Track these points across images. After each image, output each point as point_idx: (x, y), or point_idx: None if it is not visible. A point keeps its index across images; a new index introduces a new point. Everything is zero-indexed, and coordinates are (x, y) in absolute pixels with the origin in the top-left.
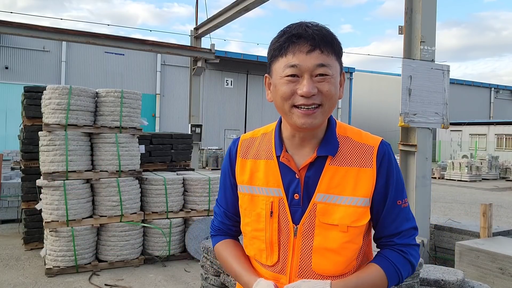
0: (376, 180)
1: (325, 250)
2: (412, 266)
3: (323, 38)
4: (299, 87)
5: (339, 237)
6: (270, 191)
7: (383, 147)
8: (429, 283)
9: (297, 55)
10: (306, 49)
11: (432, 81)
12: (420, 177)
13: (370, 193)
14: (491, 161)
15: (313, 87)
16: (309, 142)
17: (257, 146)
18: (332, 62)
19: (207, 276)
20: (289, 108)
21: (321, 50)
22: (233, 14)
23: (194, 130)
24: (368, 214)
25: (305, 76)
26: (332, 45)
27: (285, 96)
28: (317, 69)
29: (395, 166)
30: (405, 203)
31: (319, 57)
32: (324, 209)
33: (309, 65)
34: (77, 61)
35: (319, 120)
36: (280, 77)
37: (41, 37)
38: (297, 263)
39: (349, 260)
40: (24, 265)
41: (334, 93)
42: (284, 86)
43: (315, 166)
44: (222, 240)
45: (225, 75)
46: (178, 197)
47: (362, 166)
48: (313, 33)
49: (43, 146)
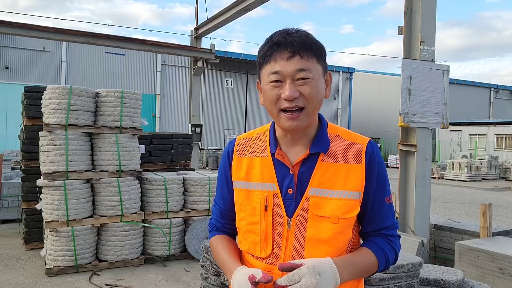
0: (365, 176)
1: (317, 241)
2: (396, 255)
3: (302, 44)
4: (282, 91)
5: (330, 229)
6: (265, 186)
7: (371, 146)
8: (429, 283)
9: (279, 62)
10: (286, 56)
11: (432, 81)
12: (420, 177)
13: (359, 187)
14: (490, 161)
15: (295, 91)
16: (300, 140)
17: (252, 145)
18: (312, 66)
19: (207, 276)
20: (277, 112)
21: (300, 56)
22: (233, 14)
23: (194, 130)
24: (357, 207)
25: (287, 80)
26: (312, 49)
27: (272, 101)
28: (297, 73)
29: (383, 164)
30: (390, 200)
31: (299, 62)
32: (316, 202)
33: (289, 70)
34: (78, 61)
35: (304, 122)
36: (266, 83)
37: (41, 37)
38: (290, 254)
39: (339, 251)
40: (25, 265)
41: (316, 95)
42: (270, 91)
43: (308, 163)
44: (217, 235)
45: (225, 75)
46: (178, 197)
47: (352, 162)
48: (292, 40)
49: (43, 146)
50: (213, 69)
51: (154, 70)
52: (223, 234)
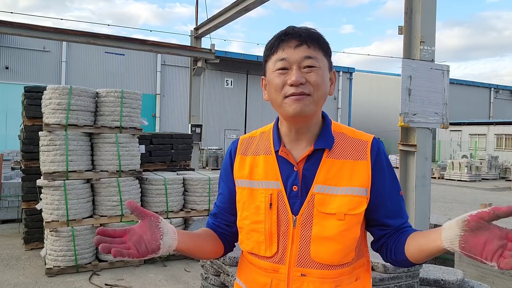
0: (373, 172)
1: (323, 239)
2: None
3: (309, 35)
4: (288, 77)
5: (336, 225)
6: (269, 184)
7: (377, 142)
8: (429, 283)
9: (286, 50)
10: (294, 44)
11: (432, 81)
12: (420, 177)
13: (366, 183)
14: (490, 161)
15: (301, 77)
16: (305, 136)
17: (256, 144)
18: (319, 56)
19: (207, 276)
20: (281, 100)
21: (307, 45)
22: (233, 14)
23: (194, 130)
24: (364, 203)
25: (294, 67)
26: (319, 42)
27: (277, 88)
28: (304, 60)
29: (389, 159)
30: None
31: (306, 51)
32: (322, 199)
33: (296, 57)
34: (78, 61)
35: (309, 108)
36: (272, 71)
37: (41, 37)
38: (296, 252)
39: (347, 250)
40: (25, 265)
41: (322, 84)
42: (276, 78)
43: (312, 159)
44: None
45: (225, 75)
46: (178, 197)
47: (357, 159)
48: (300, 31)
49: (43, 146)
50: (213, 69)
51: (154, 70)
52: (210, 229)
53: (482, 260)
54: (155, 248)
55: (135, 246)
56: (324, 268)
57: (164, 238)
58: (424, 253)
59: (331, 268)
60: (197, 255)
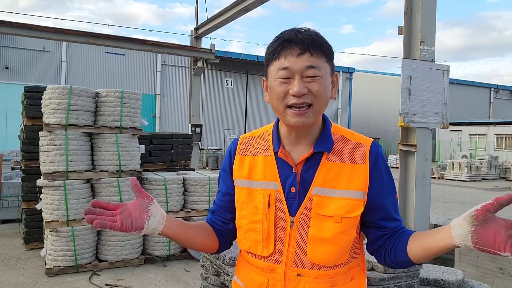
0: (371, 176)
1: (320, 240)
2: None
3: (312, 42)
4: (290, 87)
5: (333, 228)
6: (267, 185)
7: (375, 146)
8: (429, 283)
9: (289, 58)
10: (296, 52)
11: (432, 81)
12: (420, 177)
13: (363, 187)
14: (490, 161)
15: (303, 87)
16: (304, 139)
17: (255, 144)
18: (321, 64)
19: (207, 276)
20: (283, 109)
21: (310, 53)
22: (233, 14)
23: (194, 130)
24: (361, 206)
25: (296, 77)
26: (322, 48)
27: (279, 97)
28: (306, 70)
29: (387, 163)
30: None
31: (308, 60)
32: (319, 202)
33: (299, 67)
34: (78, 61)
35: (311, 119)
36: (274, 79)
37: (41, 37)
38: (292, 253)
39: (342, 251)
40: (25, 265)
41: (324, 93)
42: (278, 87)
43: (311, 162)
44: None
45: (225, 75)
46: (178, 197)
47: (356, 162)
48: (303, 38)
49: (43, 146)
50: (213, 69)
51: (154, 70)
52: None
53: (496, 252)
54: (139, 226)
55: (122, 220)
56: (320, 268)
57: (151, 220)
58: (429, 253)
59: (326, 268)
60: (187, 244)
